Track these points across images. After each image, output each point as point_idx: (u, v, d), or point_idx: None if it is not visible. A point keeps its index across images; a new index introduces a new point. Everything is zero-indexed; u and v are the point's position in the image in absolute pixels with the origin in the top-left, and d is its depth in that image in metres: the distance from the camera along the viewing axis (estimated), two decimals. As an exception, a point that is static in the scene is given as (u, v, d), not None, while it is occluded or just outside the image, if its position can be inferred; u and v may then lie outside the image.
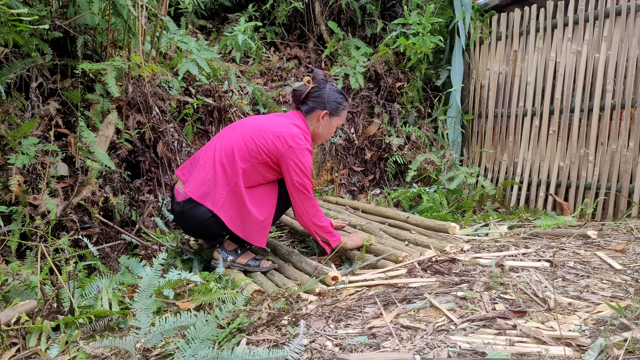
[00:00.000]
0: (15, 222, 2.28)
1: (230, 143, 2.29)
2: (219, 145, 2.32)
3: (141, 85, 2.92)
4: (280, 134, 2.27)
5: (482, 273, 1.97)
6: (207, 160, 2.31)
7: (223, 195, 2.25)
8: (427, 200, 3.58)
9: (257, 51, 4.59)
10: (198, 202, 2.25)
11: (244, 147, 2.26)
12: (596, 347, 1.24)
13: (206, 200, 2.25)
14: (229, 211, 2.26)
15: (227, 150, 2.28)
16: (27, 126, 2.37)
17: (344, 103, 2.48)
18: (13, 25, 2.24)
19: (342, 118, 2.51)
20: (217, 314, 1.43)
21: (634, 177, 3.18)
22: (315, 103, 2.42)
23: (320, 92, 2.42)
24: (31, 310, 1.74)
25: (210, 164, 2.29)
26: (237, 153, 2.26)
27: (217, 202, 2.24)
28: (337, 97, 2.45)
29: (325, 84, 2.44)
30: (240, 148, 2.27)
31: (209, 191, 2.26)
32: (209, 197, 2.25)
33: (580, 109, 3.51)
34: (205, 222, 2.27)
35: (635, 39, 3.21)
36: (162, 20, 3.02)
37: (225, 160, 2.27)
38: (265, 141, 2.26)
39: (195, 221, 2.30)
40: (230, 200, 2.26)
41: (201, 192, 2.26)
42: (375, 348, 1.40)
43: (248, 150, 2.26)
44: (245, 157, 2.26)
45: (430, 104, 4.48)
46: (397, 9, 4.77)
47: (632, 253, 2.14)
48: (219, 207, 2.24)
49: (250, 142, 2.27)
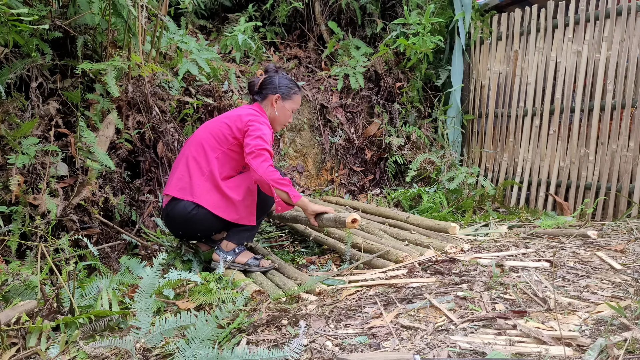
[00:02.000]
0: (15, 222, 2.28)
1: (198, 139, 2.43)
2: (187, 145, 2.47)
3: (141, 85, 2.92)
4: (238, 114, 2.45)
5: (482, 273, 1.97)
6: (179, 161, 2.45)
7: (200, 185, 2.34)
8: (427, 200, 3.58)
9: (257, 51, 4.59)
10: (177, 197, 2.34)
11: (211, 138, 2.40)
12: (596, 347, 1.24)
13: (185, 194, 2.34)
14: (210, 199, 2.33)
15: (196, 146, 2.41)
16: (27, 126, 2.37)
17: (295, 88, 2.60)
18: (13, 25, 2.24)
19: (296, 103, 2.61)
20: (217, 314, 1.43)
21: (634, 177, 3.18)
22: (268, 90, 2.55)
23: (272, 79, 2.56)
24: (31, 310, 1.73)
25: (184, 161, 2.42)
26: (206, 144, 2.39)
27: (196, 192, 2.33)
28: (287, 82, 2.58)
29: (275, 73, 2.59)
30: (207, 139, 2.40)
31: (185, 185, 2.35)
32: (186, 190, 2.34)
33: (581, 109, 3.51)
34: (189, 216, 2.32)
35: (635, 39, 3.21)
36: (162, 20, 3.02)
37: (195, 153, 2.39)
38: (227, 125, 2.41)
39: (179, 218, 2.36)
40: (209, 188, 2.35)
41: (178, 188, 2.36)
42: (375, 348, 1.40)
43: (215, 139, 2.39)
44: (214, 146, 2.38)
45: (430, 104, 4.48)
46: (397, 9, 4.76)
47: (632, 253, 2.14)
48: (199, 196, 2.32)
49: (216, 132, 2.41)
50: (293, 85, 2.59)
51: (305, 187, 4.14)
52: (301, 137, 4.19)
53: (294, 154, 4.16)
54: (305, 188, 4.12)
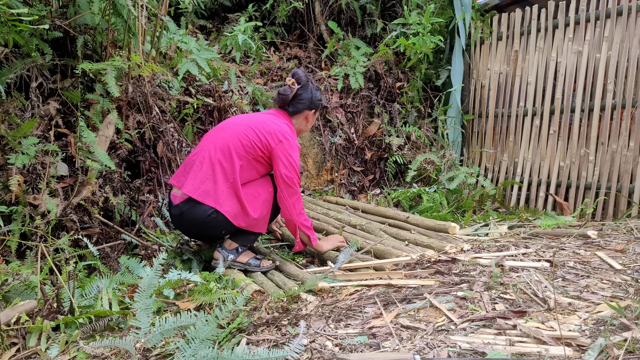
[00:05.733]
0: (15, 222, 2.28)
1: (226, 141, 2.34)
2: (212, 145, 2.36)
3: (141, 85, 2.92)
4: (272, 130, 2.37)
5: (482, 273, 1.97)
6: (203, 161, 2.34)
7: (224, 192, 2.30)
8: (427, 200, 3.58)
9: (257, 51, 4.58)
10: (198, 200, 2.28)
11: (239, 144, 2.33)
12: (596, 347, 1.24)
13: (207, 199, 2.28)
14: (230, 207, 2.30)
15: (224, 149, 2.33)
16: (27, 126, 2.37)
17: (322, 97, 2.63)
18: (13, 25, 2.24)
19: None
20: (217, 314, 1.43)
21: (634, 177, 3.18)
22: (303, 105, 2.53)
23: (307, 93, 2.53)
24: (31, 310, 1.73)
25: (208, 163, 2.33)
26: (234, 150, 2.32)
27: (219, 198, 2.28)
28: (319, 95, 2.59)
29: (307, 82, 2.54)
30: (236, 145, 2.33)
31: (210, 190, 2.29)
32: (209, 195, 2.29)
33: (581, 109, 3.51)
34: (205, 220, 2.29)
35: (636, 39, 3.20)
36: (162, 20, 3.02)
37: (222, 158, 2.32)
38: (258, 137, 2.35)
39: (195, 220, 2.31)
40: (231, 196, 2.31)
41: (201, 191, 2.29)
42: (375, 348, 1.40)
43: (243, 146, 2.33)
44: (241, 153, 2.33)
45: (430, 104, 4.48)
46: (397, 9, 4.76)
47: (632, 253, 2.14)
48: (221, 203, 2.28)
49: (245, 139, 2.34)
50: (321, 96, 2.62)
51: (305, 187, 4.14)
52: (301, 137, 4.19)
53: (294, 154, 4.16)
54: (305, 188, 4.12)
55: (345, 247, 2.39)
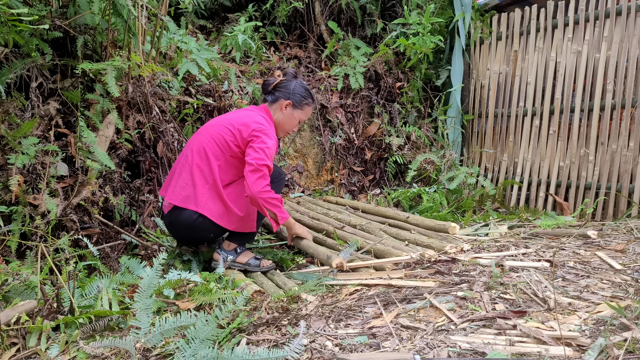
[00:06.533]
0: (15, 222, 2.28)
1: (202, 144, 2.36)
2: (190, 150, 2.39)
3: (141, 85, 2.92)
4: (245, 121, 2.36)
5: (482, 273, 1.97)
6: (183, 168, 2.37)
7: (204, 194, 2.30)
8: (427, 200, 3.58)
9: (257, 51, 4.58)
10: (181, 207, 2.30)
11: (214, 144, 2.34)
12: (596, 347, 1.24)
13: (189, 203, 2.30)
14: (212, 208, 2.30)
15: (200, 152, 2.35)
16: (27, 126, 2.37)
17: (309, 99, 2.54)
18: (13, 25, 2.24)
19: (306, 113, 2.56)
20: (217, 314, 1.43)
21: (634, 177, 3.18)
22: (281, 93, 2.49)
23: (288, 84, 2.50)
24: (31, 310, 1.73)
25: (187, 169, 2.35)
26: (210, 151, 2.33)
27: (199, 201, 2.29)
28: (302, 91, 2.52)
29: (294, 78, 2.53)
30: (211, 146, 2.34)
31: (190, 194, 2.31)
32: (190, 199, 2.30)
33: (581, 109, 3.51)
34: (193, 224, 2.31)
35: (635, 39, 3.21)
36: (162, 20, 3.02)
37: (199, 161, 2.33)
38: (232, 133, 2.34)
39: (184, 226, 2.34)
40: (212, 197, 2.31)
41: (182, 197, 2.31)
42: (375, 348, 1.40)
43: (218, 146, 2.33)
44: (217, 154, 2.33)
45: (430, 104, 4.48)
46: (397, 9, 4.76)
47: (632, 253, 2.14)
48: (202, 205, 2.29)
49: (219, 138, 2.34)
50: (308, 96, 2.53)
51: (305, 187, 4.14)
52: (301, 137, 4.20)
53: (294, 154, 4.16)
54: (305, 188, 4.12)
55: (346, 247, 2.39)
